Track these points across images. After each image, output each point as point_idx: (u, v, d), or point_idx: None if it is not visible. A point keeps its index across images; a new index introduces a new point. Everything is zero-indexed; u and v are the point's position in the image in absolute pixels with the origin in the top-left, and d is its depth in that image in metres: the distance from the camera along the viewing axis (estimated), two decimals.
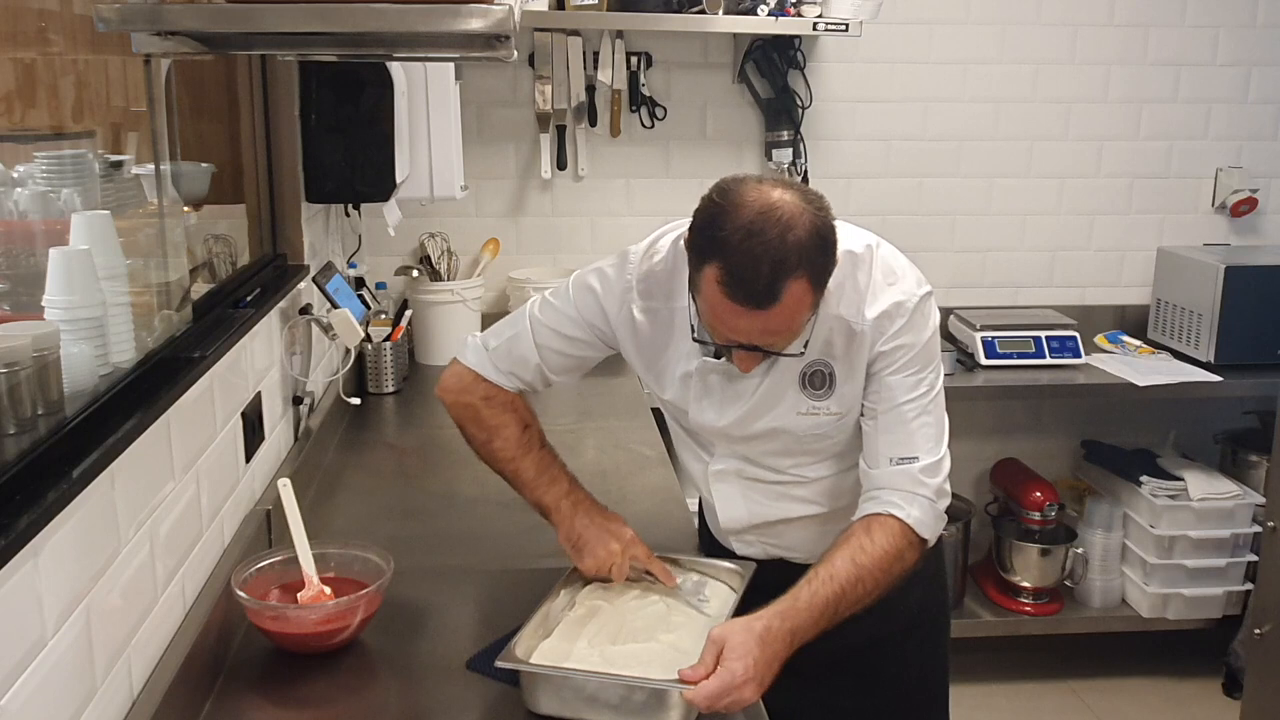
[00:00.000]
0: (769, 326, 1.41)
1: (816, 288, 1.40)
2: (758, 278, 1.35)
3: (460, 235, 3.24)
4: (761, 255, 1.34)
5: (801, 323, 1.44)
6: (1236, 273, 3.13)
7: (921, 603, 1.77)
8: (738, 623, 1.41)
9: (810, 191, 1.43)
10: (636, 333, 1.64)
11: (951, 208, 3.43)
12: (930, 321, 1.56)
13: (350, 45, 1.72)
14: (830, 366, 1.57)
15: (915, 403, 1.54)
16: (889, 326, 1.52)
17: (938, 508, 1.55)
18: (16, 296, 1.33)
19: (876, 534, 1.50)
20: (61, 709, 1.15)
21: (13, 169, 1.40)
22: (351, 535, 1.83)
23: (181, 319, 1.59)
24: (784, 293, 1.36)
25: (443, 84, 2.59)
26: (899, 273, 1.55)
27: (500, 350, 1.71)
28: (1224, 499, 3.13)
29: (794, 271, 1.35)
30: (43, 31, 1.43)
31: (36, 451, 1.14)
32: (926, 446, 1.54)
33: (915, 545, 1.53)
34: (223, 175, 2.08)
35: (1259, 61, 3.43)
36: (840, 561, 1.48)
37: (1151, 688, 3.28)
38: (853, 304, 1.53)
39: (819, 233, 1.38)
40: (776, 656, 1.38)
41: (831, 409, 1.58)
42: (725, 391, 1.61)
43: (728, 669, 1.33)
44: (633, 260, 1.63)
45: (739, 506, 1.71)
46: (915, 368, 1.54)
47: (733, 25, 3.03)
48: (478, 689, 1.50)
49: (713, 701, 1.32)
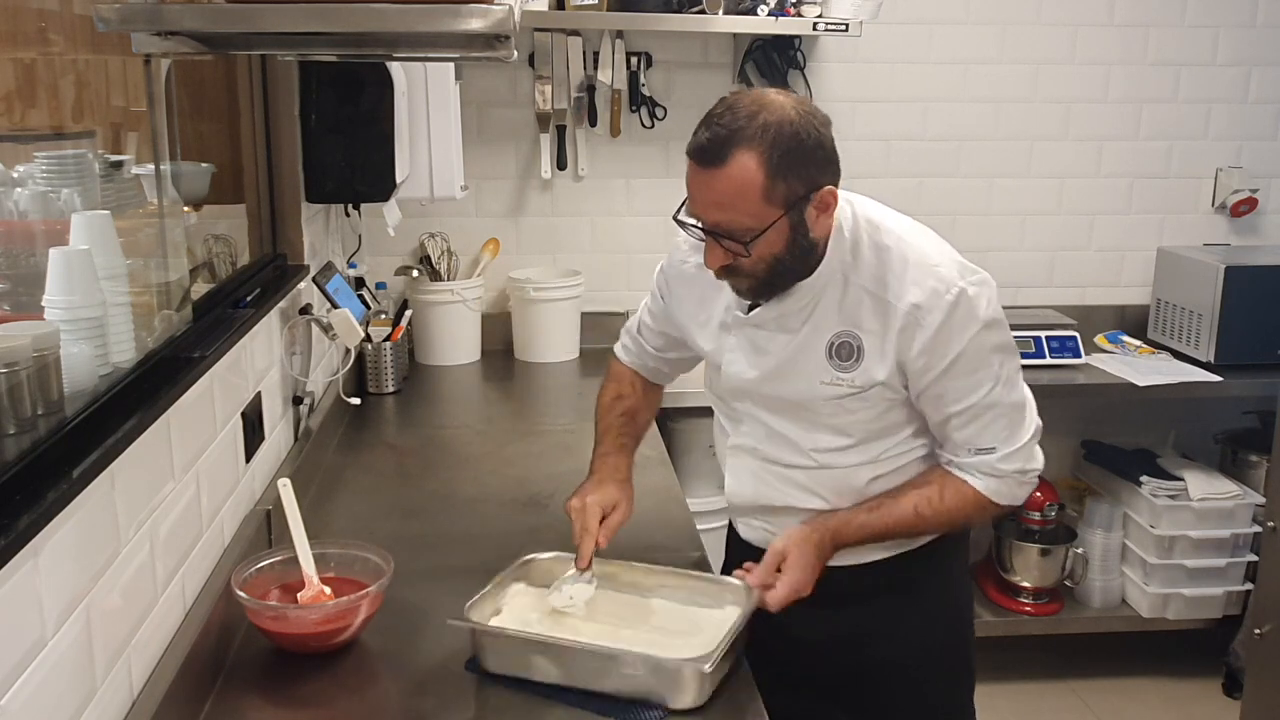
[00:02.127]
0: (715, 195, 1.44)
1: (769, 171, 1.42)
2: (712, 137, 1.42)
3: (460, 235, 3.24)
4: (726, 121, 1.42)
5: (750, 208, 1.44)
6: (1236, 273, 3.13)
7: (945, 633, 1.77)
8: (795, 533, 1.59)
9: (817, 110, 1.48)
10: (687, 283, 1.72)
11: (951, 208, 3.43)
12: (976, 316, 1.52)
13: (350, 45, 1.72)
14: (859, 339, 1.55)
15: (982, 400, 1.54)
16: (923, 319, 1.50)
17: (1023, 479, 1.59)
18: (16, 296, 1.33)
19: (949, 496, 1.59)
20: (61, 709, 1.15)
21: (13, 169, 1.40)
22: (351, 535, 1.83)
23: (181, 319, 1.59)
24: (730, 158, 1.41)
25: (443, 84, 2.59)
26: (939, 261, 1.53)
27: (626, 324, 1.95)
28: (1224, 499, 3.13)
29: (748, 143, 1.41)
30: (43, 31, 1.43)
31: (36, 451, 1.14)
32: (1002, 437, 1.57)
33: (990, 510, 1.60)
34: (223, 175, 2.08)
35: (1259, 61, 3.42)
36: (904, 503, 1.59)
37: (1151, 688, 3.28)
38: (887, 281, 1.52)
39: (794, 128, 1.42)
40: (824, 560, 1.59)
41: (855, 382, 1.56)
42: (755, 343, 1.63)
43: (791, 576, 1.55)
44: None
45: (746, 484, 1.72)
46: (972, 367, 1.53)
47: (733, 25, 3.03)
48: (478, 689, 1.50)
49: (782, 603, 1.54)
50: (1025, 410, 1.60)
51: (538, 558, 1.69)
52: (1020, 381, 1.60)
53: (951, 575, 1.78)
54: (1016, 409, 1.58)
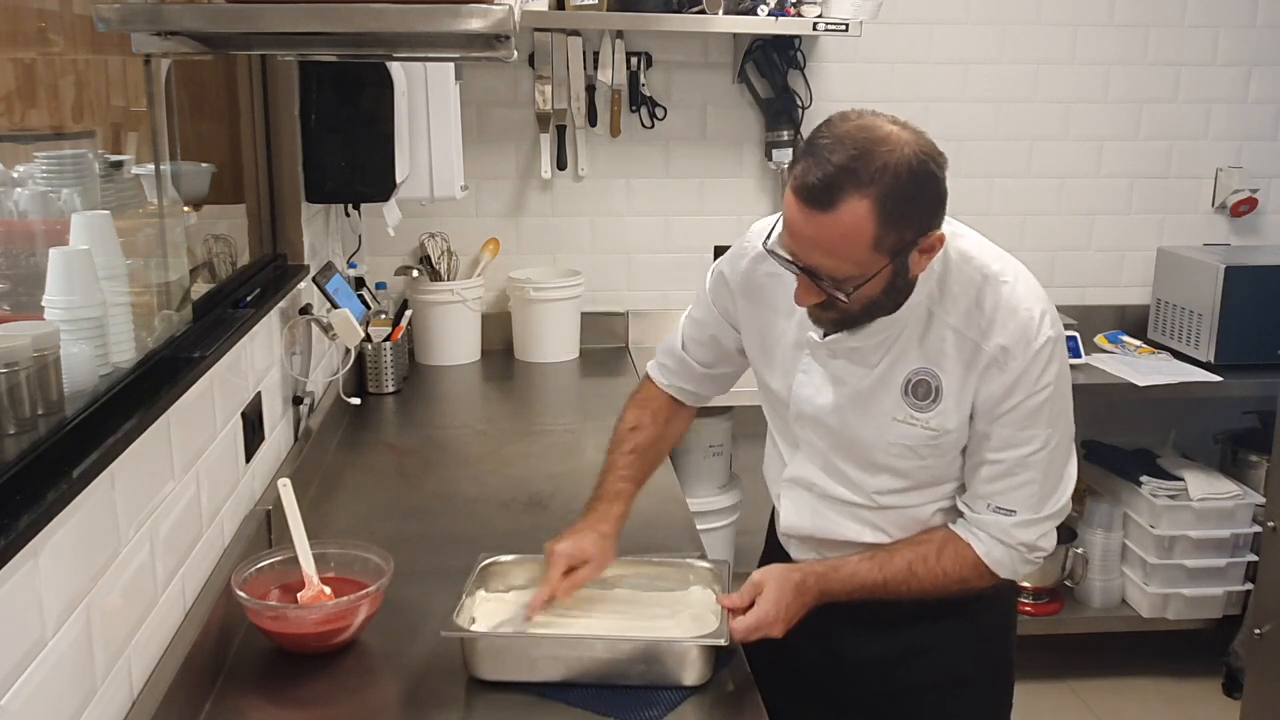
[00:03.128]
0: (821, 239, 1.33)
1: (882, 220, 1.30)
2: (823, 177, 1.30)
3: (460, 235, 3.24)
4: (839, 160, 1.30)
5: (858, 256, 1.33)
6: (1236, 273, 3.12)
7: (979, 656, 1.67)
8: (776, 568, 1.52)
9: (932, 144, 1.37)
10: (755, 298, 1.61)
11: (951, 208, 3.38)
12: (1052, 370, 1.44)
13: (350, 45, 1.72)
14: (939, 379, 1.47)
15: (1022, 459, 1.46)
16: (1008, 363, 1.43)
17: (1026, 556, 1.50)
18: (16, 296, 1.33)
19: (946, 556, 1.51)
20: (61, 709, 1.15)
21: (13, 169, 1.40)
22: (351, 535, 1.83)
23: (181, 319, 1.59)
24: (842, 202, 1.29)
25: (443, 84, 2.59)
26: (1033, 309, 1.45)
27: (664, 344, 1.81)
28: (1224, 499, 3.13)
29: (861, 187, 1.29)
30: (43, 31, 1.43)
31: (36, 451, 1.14)
32: (1028, 504, 1.48)
33: (986, 576, 1.51)
34: (223, 175, 2.08)
35: (1259, 61, 3.42)
36: (898, 559, 1.51)
37: (1151, 688, 3.28)
38: (975, 321, 1.44)
39: (910, 171, 1.31)
40: (806, 606, 1.51)
41: (930, 424, 1.48)
42: (830, 372, 1.54)
43: (762, 608, 1.47)
44: (753, 230, 1.63)
45: (805, 518, 1.64)
46: (1026, 422, 1.45)
47: (733, 25, 3.03)
48: (478, 689, 1.50)
49: (747, 633, 1.46)
50: (1060, 486, 1.50)
51: (498, 560, 1.67)
52: (1070, 458, 1.52)
53: (1003, 594, 1.66)
54: (1053, 481, 1.49)
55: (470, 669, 1.50)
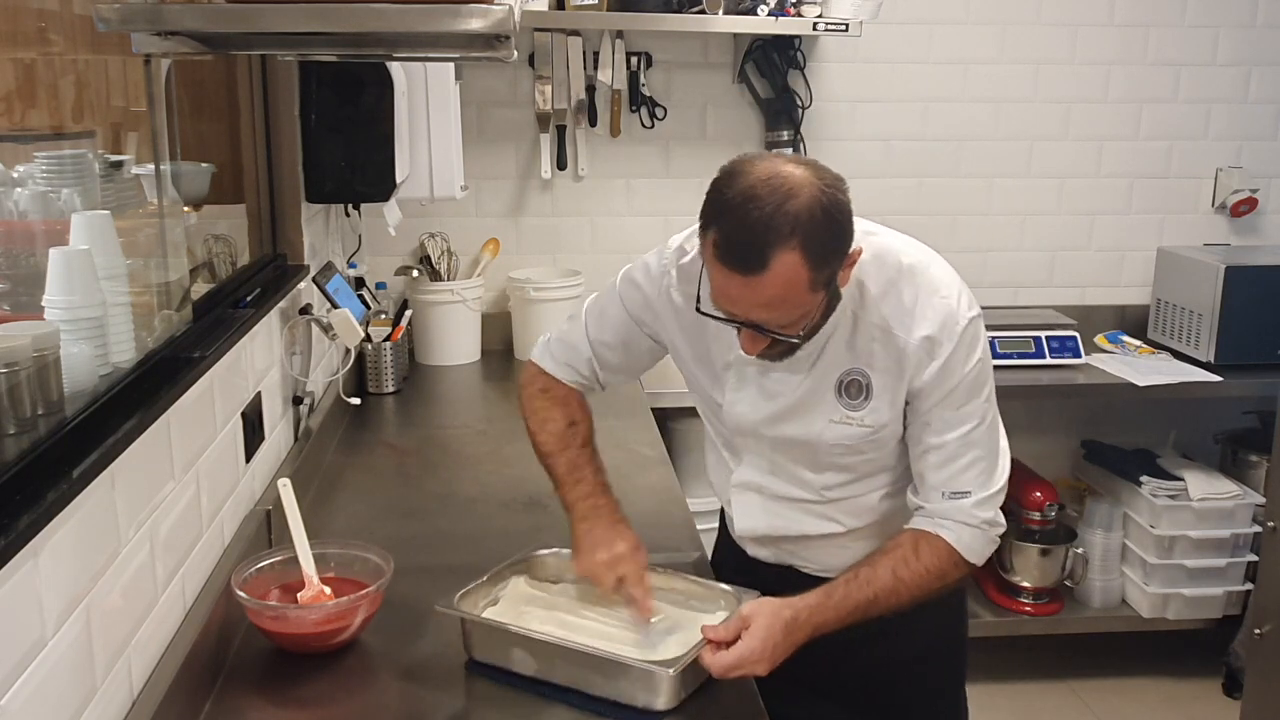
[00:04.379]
0: (761, 298, 1.36)
1: (814, 264, 1.34)
2: (748, 242, 1.32)
3: (460, 235, 3.24)
4: (755, 220, 1.32)
5: (798, 300, 1.37)
6: (1236, 273, 3.12)
7: (938, 630, 1.74)
8: (767, 604, 1.46)
9: (829, 171, 1.38)
10: (679, 317, 1.63)
11: (951, 208, 3.43)
12: (978, 347, 1.50)
13: (350, 45, 1.72)
14: (868, 377, 1.52)
15: (964, 438, 1.50)
16: (937, 352, 1.47)
17: (990, 535, 1.53)
18: (16, 296, 1.33)
19: (924, 552, 1.51)
20: (61, 709, 1.15)
21: (13, 169, 1.40)
22: (351, 535, 1.83)
23: (181, 319, 1.59)
24: (773, 260, 1.32)
25: (443, 84, 2.59)
26: (951, 293, 1.50)
27: (556, 341, 1.78)
28: (1224, 499, 3.13)
29: (786, 240, 1.31)
30: (43, 31, 1.43)
31: (36, 451, 1.14)
32: (978, 481, 1.51)
33: (961, 567, 1.52)
34: (223, 175, 2.08)
35: (1259, 61, 3.42)
36: (882, 570, 1.50)
37: (1151, 688, 3.28)
38: (898, 317, 1.49)
39: (824, 209, 1.33)
40: (795, 644, 1.45)
41: (865, 421, 1.53)
42: (762, 386, 1.58)
43: (747, 645, 1.40)
44: (671, 247, 1.65)
45: (759, 519, 1.68)
46: (962, 400, 1.49)
47: (733, 25, 3.03)
48: (478, 689, 1.50)
49: (726, 670, 1.40)
50: (1001, 459, 1.55)
51: (540, 553, 1.69)
52: (1001, 429, 1.56)
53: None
54: (993, 455, 1.54)
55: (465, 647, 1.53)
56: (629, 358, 1.75)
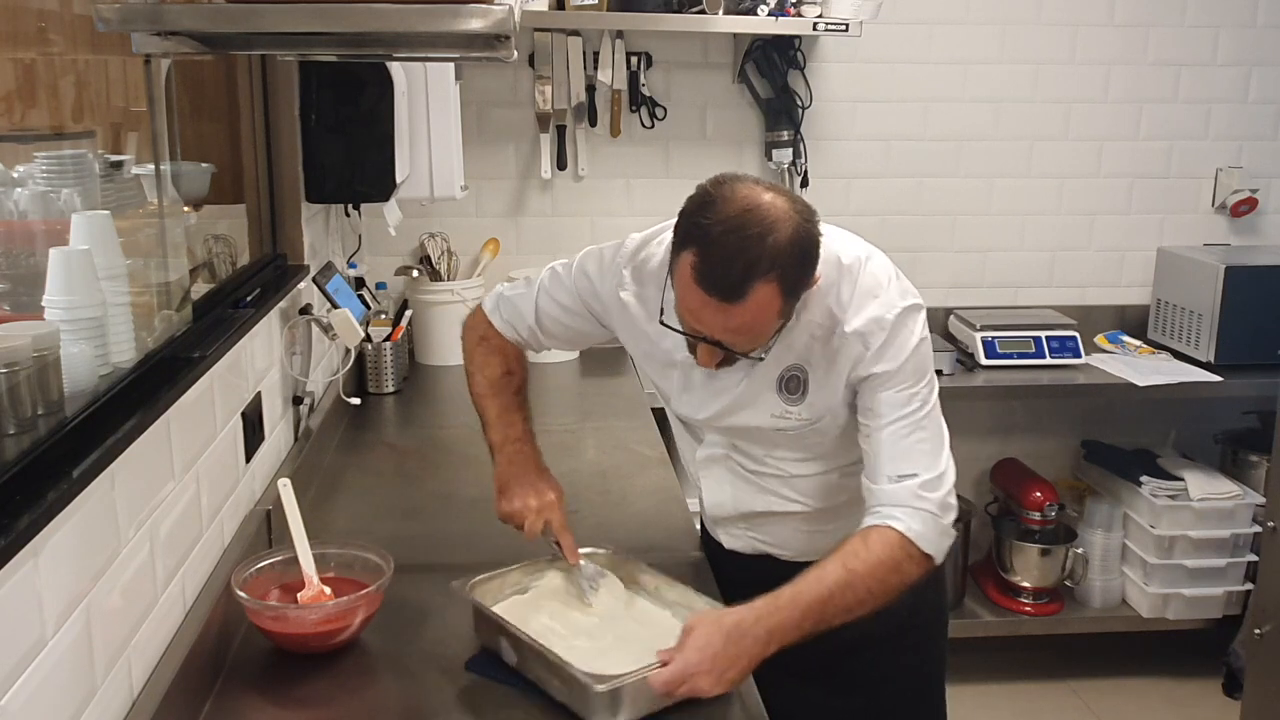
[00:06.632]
0: (732, 324, 1.41)
1: (787, 295, 1.40)
2: (730, 272, 1.36)
3: (460, 235, 3.24)
4: (737, 251, 1.35)
5: (766, 327, 1.44)
6: (1236, 273, 3.13)
7: (915, 605, 1.71)
8: (709, 614, 1.44)
9: (802, 202, 1.43)
10: (628, 315, 1.68)
11: (951, 208, 3.43)
12: (914, 335, 1.53)
13: (350, 45, 1.72)
14: (806, 373, 1.57)
15: (907, 419, 1.52)
16: (871, 342, 1.51)
17: (941, 522, 1.52)
18: (16, 296, 1.33)
19: (873, 543, 1.49)
20: (61, 709, 1.15)
21: (13, 169, 1.40)
22: (351, 535, 1.83)
23: (181, 319, 1.59)
24: (752, 292, 1.36)
25: (443, 84, 2.59)
26: (883, 286, 1.54)
27: (508, 300, 1.82)
28: (1224, 499, 3.13)
29: (766, 273, 1.36)
30: (43, 31, 1.43)
31: (36, 451, 1.14)
32: (925, 462, 1.52)
33: (916, 559, 1.50)
34: (223, 175, 2.08)
35: (1259, 61, 3.42)
36: (830, 565, 1.46)
37: (1151, 688, 3.28)
38: (833, 313, 1.53)
39: (800, 242, 1.39)
40: (744, 653, 1.39)
41: (802, 415, 1.59)
42: (706, 387, 1.64)
43: (684, 658, 1.36)
44: (629, 247, 1.68)
45: (725, 494, 1.74)
46: (904, 384, 1.52)
47: (733, 25, 3.03)
48: (478, 689, 1.50)
49: (667, 685, 1.35)
50: (944, 439, 1.57)
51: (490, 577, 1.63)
52: (940, 415, 1.58)
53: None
54: (938, 437, 1.56)
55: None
56: (573, 334, 1.80)
